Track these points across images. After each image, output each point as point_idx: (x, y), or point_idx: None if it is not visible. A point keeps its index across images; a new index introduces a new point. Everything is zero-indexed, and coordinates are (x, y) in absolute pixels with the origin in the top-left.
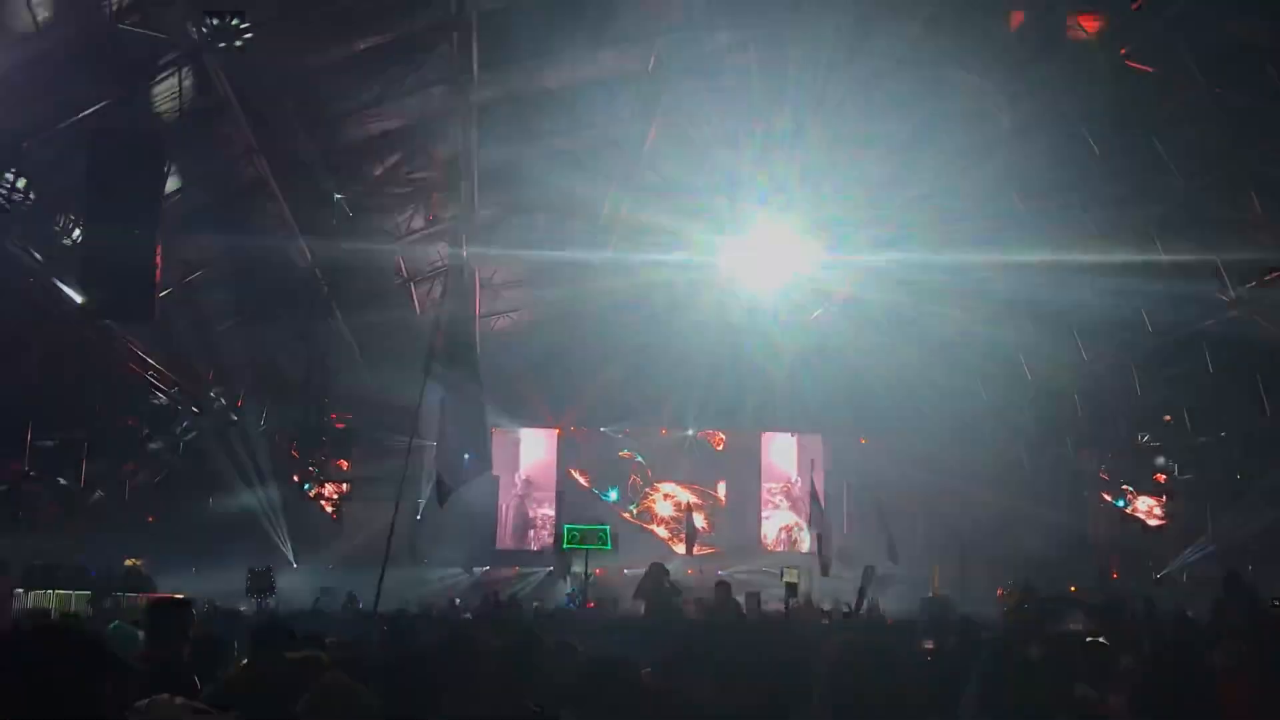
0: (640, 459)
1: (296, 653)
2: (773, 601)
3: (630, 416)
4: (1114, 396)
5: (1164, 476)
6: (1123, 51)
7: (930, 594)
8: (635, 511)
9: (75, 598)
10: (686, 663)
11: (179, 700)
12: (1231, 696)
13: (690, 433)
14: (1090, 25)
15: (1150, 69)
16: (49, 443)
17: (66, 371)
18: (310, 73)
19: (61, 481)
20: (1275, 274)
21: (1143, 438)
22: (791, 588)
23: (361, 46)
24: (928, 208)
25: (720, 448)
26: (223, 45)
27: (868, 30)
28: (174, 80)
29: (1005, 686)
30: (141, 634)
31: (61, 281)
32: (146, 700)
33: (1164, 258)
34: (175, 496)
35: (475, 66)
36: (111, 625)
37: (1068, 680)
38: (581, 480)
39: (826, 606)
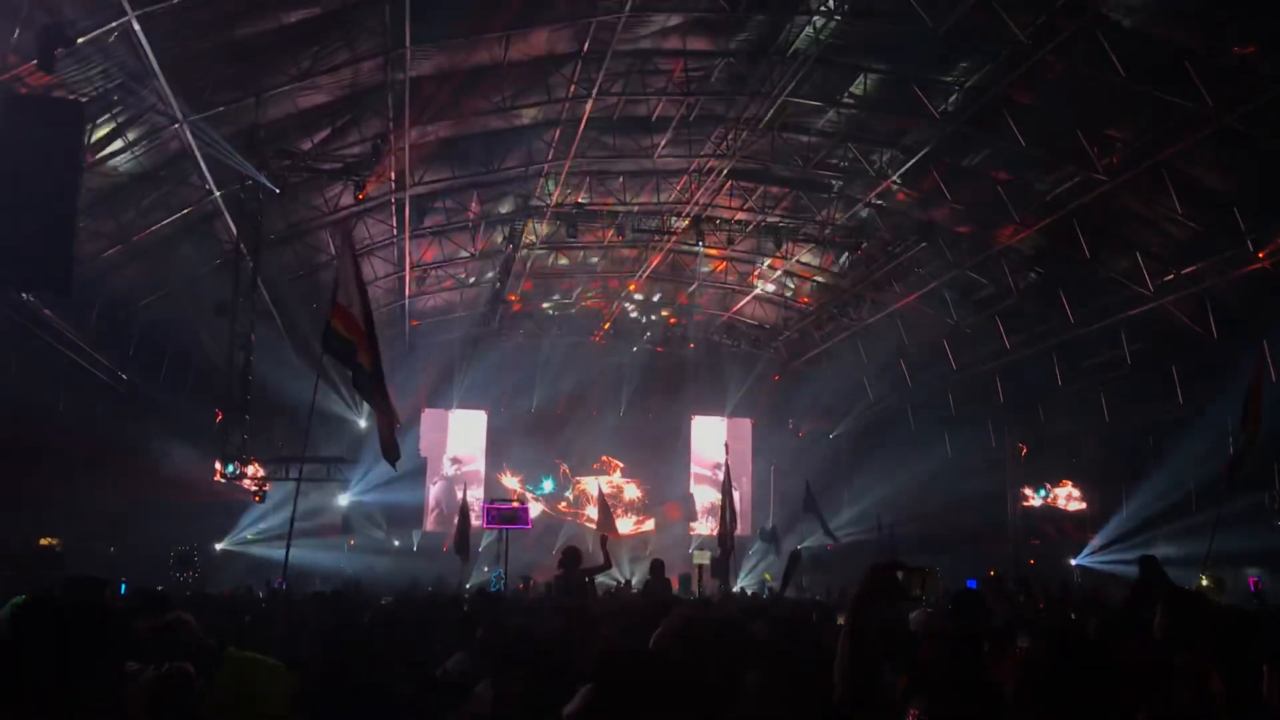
0: (561, 461)
1: (166, 617)
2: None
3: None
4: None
5: (1070, 479)
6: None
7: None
8: (571, 498)
9: None
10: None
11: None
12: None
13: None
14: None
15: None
16: None
17: None
18: (238, 44)
19: None
20: (1190, 268)
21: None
22: (701, 569)
23: (292, 19)
24: None
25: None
26: (148, 12)
27: None
28: (96, 48)
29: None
30: None
31: None
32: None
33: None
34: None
35: (408, 40)
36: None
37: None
38: (514, 483)
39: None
